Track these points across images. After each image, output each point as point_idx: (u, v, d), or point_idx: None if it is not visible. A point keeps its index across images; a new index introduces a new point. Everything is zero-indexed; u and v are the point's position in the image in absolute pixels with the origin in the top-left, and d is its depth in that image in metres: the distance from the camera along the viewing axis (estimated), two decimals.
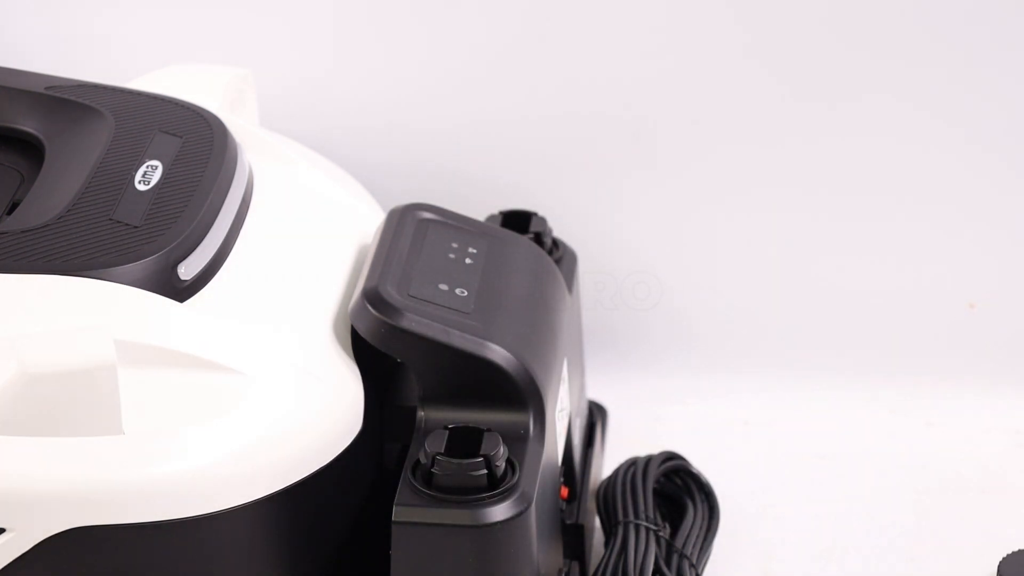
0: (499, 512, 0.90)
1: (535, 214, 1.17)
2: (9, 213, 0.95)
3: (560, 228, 1.23)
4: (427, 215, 1.07)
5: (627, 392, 1.32)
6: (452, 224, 1.08)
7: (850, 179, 1.31)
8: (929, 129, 1.28)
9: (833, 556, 1.15)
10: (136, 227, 0.93)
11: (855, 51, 1.27)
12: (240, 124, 1.10)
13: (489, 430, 0.92)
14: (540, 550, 0.94)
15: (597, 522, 1.12)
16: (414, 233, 1.04)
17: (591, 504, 1.12)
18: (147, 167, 0.99)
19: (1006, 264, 1.31)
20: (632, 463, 1.13)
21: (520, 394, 0.96)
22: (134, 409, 0.87)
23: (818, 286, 1.34)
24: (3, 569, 0.86)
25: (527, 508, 0.90)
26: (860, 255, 1.33)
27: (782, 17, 1.26)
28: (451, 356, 0.95)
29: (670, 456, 1.14)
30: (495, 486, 0.90)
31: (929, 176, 1.30)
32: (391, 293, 0.97)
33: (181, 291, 0.93)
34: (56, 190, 0.94)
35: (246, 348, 0.91)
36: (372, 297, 0.97)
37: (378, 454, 1.03)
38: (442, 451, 0.91)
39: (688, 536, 1.08)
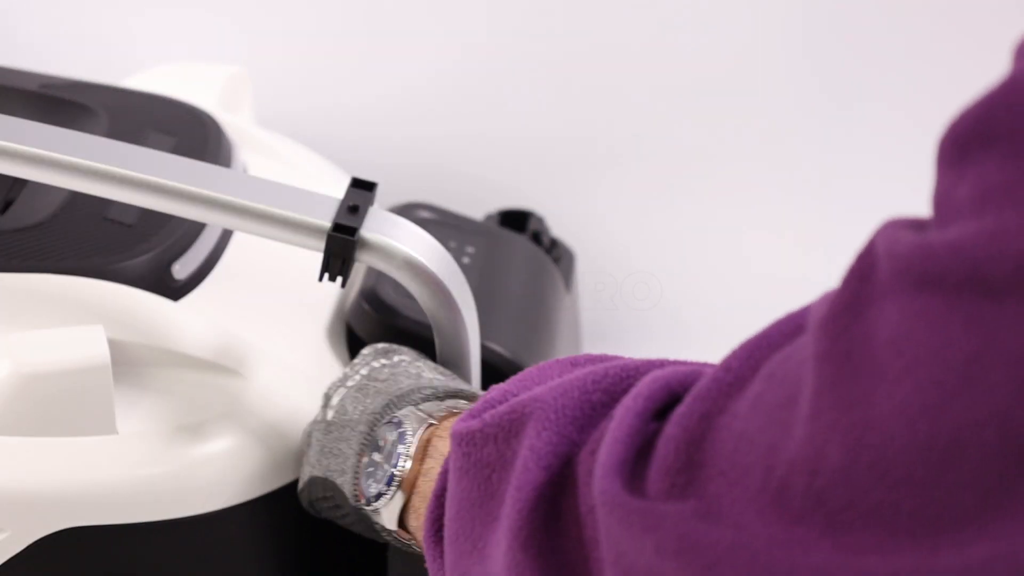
0: None
1: (533, 213, 1.17)
2: (3, 212, 0.95)
3: (561, 228, 1.23)
4: (425, 214, 1.07)
5: None
6: (450, 223, 1.07)
7: (851, 179, 1.31)
8: (929, 131, 1.28)
9: None
10: (130, 226, 0.93)
11: (858, 53, 1.26)
12: (235, 122, 1.10)
13: None
14: None
15: None
16: None
17: None
18: None
19: None
20: None
21: None
22: (128, 409, 0.87)
23: (819, 287, 1.33)
24: None
25: None
26: None
27: (782, 19, 1.26)
28: None
29: None
30: None
31: (929, 177, 1.29)
32: (389, 293, 0.96)
33: (175, 290, 0.93)
34: (50, 189, 0.93)
35: (240, 348, 0.91)
36: (370, 297, 0.96)
37: None
38: None
39: None
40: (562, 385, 0.65)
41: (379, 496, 0.77)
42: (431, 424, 0.78)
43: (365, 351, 0.88)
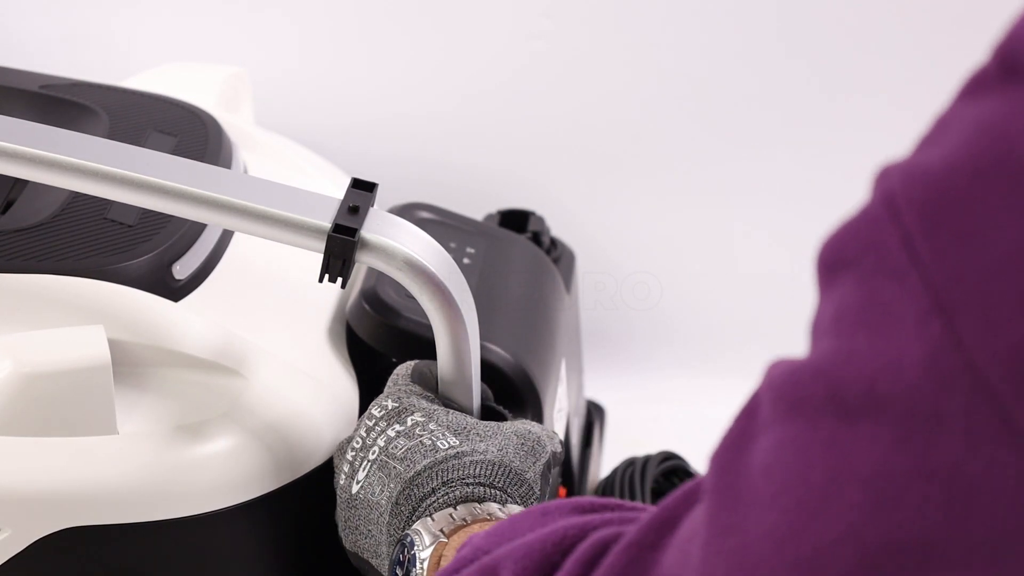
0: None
1: (533, 213, 1.17)
2: (3, 212, 0.95)
3: (560, 228, 1.23)
4: (425, 214, 1.07)
5: (625, 392, 1.32)
6: (450, 224, 1.07)
7: (850, 180, 1.31)
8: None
9: None
10: (130, 226, 0.93)
11: (857, 53, 1.26)
12: (235, 123, 1.10)
13: None
14: None
15: None
16: None
17: None
18: None
19: None
20: (630, 463, 1.12)
21: (518, 394, 0.95)
22: (128, 409, 0.87)
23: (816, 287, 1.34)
24: None
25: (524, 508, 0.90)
26: None
27: (782, 20, 1.26)
28: None
29: (668, 456, 1.14)
30: None
31: None
32: (389, 294, 0.96)
33: (175, 290, 0.93)
34: (50, 189, 0.94)
35: (241, 348, 0.91)
36: (370, 298, 0.96)
37: None
38: None
39: None
40: (527, 545, 0.68)
41: None
42: (442, 541, 0.80)
43: (375, 411, 0.87)
